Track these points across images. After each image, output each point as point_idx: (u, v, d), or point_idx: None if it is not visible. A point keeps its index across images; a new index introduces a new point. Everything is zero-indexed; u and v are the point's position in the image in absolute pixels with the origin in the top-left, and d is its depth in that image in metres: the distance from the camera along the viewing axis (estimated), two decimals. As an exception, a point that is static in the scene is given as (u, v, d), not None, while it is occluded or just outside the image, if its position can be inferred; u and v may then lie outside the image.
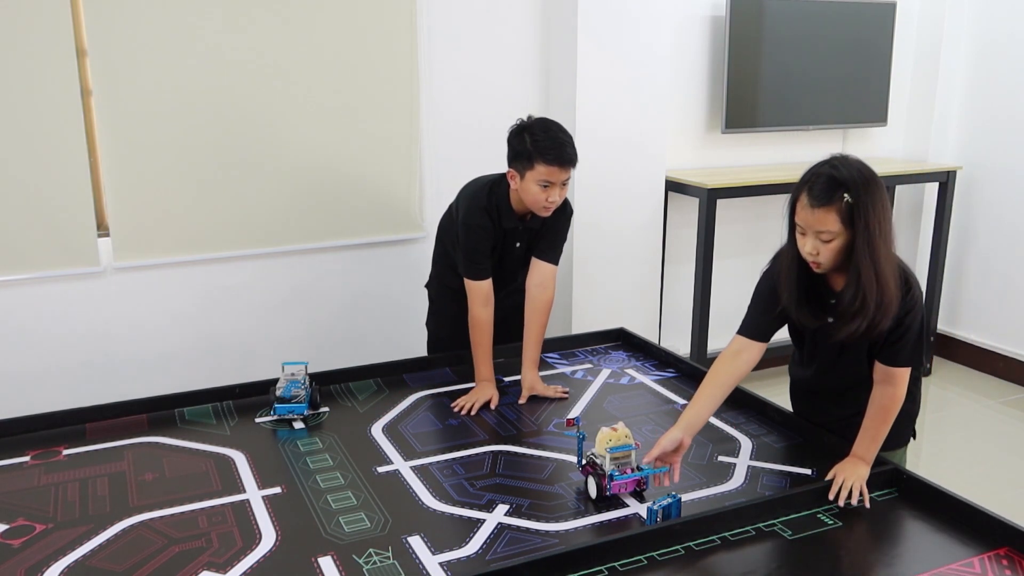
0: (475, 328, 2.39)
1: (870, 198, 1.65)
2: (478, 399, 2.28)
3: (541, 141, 2.25)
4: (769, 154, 4.21)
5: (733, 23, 3.76)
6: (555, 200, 2.30)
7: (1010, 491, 3.20)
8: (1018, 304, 4.18)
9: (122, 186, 2.96)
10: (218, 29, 2.97)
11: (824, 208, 1.66)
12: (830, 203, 1.65)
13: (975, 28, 4.23)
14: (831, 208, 1.65)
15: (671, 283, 4.04)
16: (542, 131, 2.28)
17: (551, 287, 2.46)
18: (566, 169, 2.27)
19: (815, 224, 1.68)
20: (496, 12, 3.42)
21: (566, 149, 2.26)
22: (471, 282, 2.40)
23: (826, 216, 1.66)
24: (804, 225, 1.71)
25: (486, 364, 2.37)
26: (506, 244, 2.46)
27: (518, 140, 2.30)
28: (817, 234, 1.69)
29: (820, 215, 1.66)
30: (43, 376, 2.99)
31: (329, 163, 3.24)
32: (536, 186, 2.27)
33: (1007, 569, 1.51)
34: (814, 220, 1.68)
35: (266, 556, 1.58)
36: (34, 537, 1.65)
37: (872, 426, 1.80)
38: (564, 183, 2.30)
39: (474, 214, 2.38)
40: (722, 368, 1.89)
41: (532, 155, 2.25)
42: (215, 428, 2.16)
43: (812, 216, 1.68)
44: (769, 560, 1.58)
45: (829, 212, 1.66)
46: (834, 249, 1.69)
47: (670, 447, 1.77)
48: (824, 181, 1.67)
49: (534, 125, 2.30)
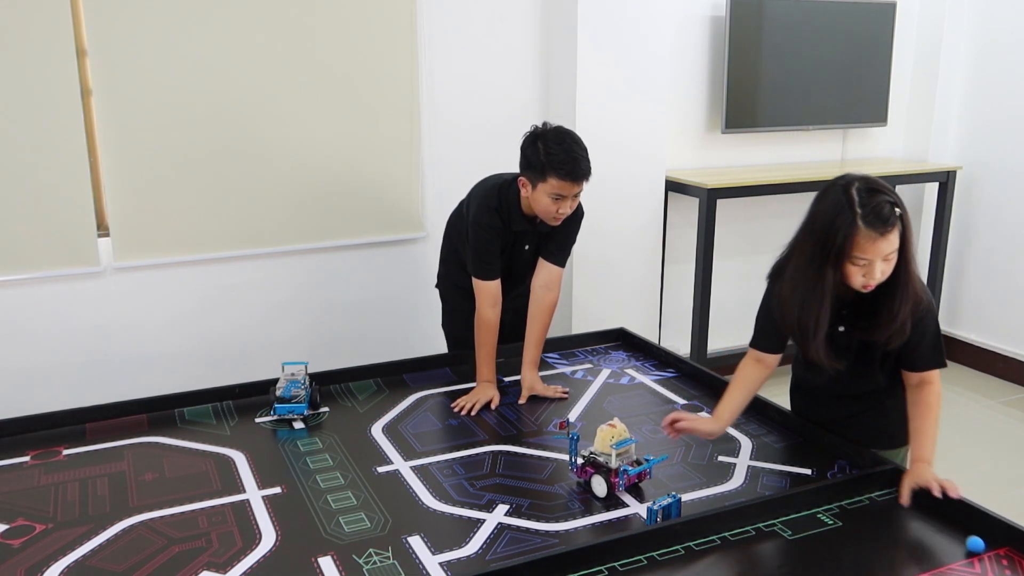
0: (481, 328, 2.38)
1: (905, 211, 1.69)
2: (479, 400, 2.28)
3: (555, 155, 2.19)
4: (769, 154, 4.21)
5: (733, 23, 3.76)
6: (565, 212, 2.28)
7: (1010, 491, 3.20)
8: (1018, 304, 4.18)
9: (122, 186, 2.96)
10: (218, 29, 2.97)
11: (893, 231, 1.65)
12: (895, 225, 1.65)
13: (975, 28, 4.23)
14: (895, 229, 1.66)
15: (671, 283, 4.04)
16: (556, 143, 2.21)
17: (556, 289, 2.45)
18: (579, 183, 2.24)
19: (886, 249, 1.66)
20: (496, 12, 3.42)
21: (580, 164, 2.21)
22: (480, 282, 2.39)
23: (894, 238, 1.67)
24: (872, 255, 1.66)
25: (488, 365, 2.37)
26: (515, 246, 2.45)
27: (532, 150, 2.24)
28: (885, 259, 1.68)
29: (891, 238, 1.66)
30: (43, 376, 2.99)
31: (329, 163, 3.24)
32: (547, 198, 2.24)
33: (1007, 569, 1.51)
34: (885, 245, 1.66)
35: (266, 556, 1.58)
36: (34, 537, 1.65)
37: (922, 427, 1.82)
38: (576, 195, 2.27)
39: (484, 214, 2.37)
40: (748, 373, 1.97)
41: (545, 168, 2.20)
42: (215, 428, 2.16)
43: (885, 241, 1.65)
44: (769, 560, 1.58)
45: (895, 233, 1.66)
46: (893, 264, 1.70)
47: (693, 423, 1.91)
48: (886, 206, 1.65)
49: (549, 135, 2.24)
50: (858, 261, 1.68)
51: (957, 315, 4.49)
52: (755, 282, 1.99)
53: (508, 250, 2.44)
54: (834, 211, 1.67)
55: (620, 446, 1.77)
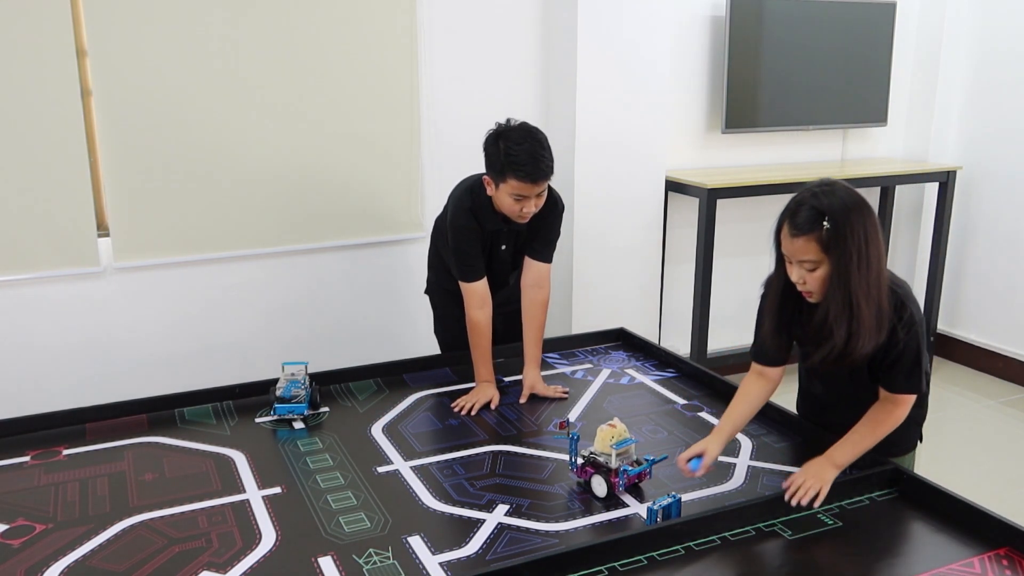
0: (473, 331, 2.38)
1: (850, 226, 1.62)
2: (478, 400, 2.28)
3: (516, 155, 2.16)
4: (769, 154, 4.21)
5: (733, 23, 3.76)
6: (530, 211, 2.26)
7: (1010, 491, 3.20)
8: (1018, 304, 4.18)
9: (122, 186, 2.96)
10: (218, 29, 2.97)
11: (804, 237, 1.65)
12: (811, 232, 1.64)
13: (975, 28, 4.23)
14: (811, 237, 1.64)
15: (671, 283, 4.04)
16: (517, 143, 2.18)
17: (546, 285, 2.45)
18: (540, 184, 2.21)
19: (797, 253, 1.67)
20: (496, 13, 3.42)
21: (540, 165, 2.17)
22: (465, 284, 2.38)
23: (807, 245, 1.65)
24: (788, 254, 1.70)
25: (485, 366, 2.37)
26: (492, 246, 2.44)
27: (493, 149, 2.22)
28: (800, 263, 1.68)
29: (801, 244, 1.66)
30: (43, 376, 2.99)
31: (329, 163, 3.24)
32: (509, 198, 2.23)
33: (1007, 569, 1.51)
34: (795, 249, 1.67)
35: (266, 556, 1.58)
36: (34, 537, 1.65)
37: (858, 434, 1.78)
38: (540, 194, 2.25)
39: (460, 215, 2.36)
40: (750, 388, 1.93)
41: (505, 168, 2.18)
42: (215, 428, 2.16)
43: (793, 245, 1.67)
44: (769, 560, 1.58)
45: (809, 241, 1.64)
46: (819, 278, 1.67)
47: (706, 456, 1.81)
48: (806, 210, 1.65)
49: (511, 134, 2.20)
50: (786, 258, 1.72)
51: (957, 315, 4.49)
52: (755, 282, 1.98)
53: (486, 251, 2.43)
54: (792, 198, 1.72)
55: (620, 446, 1.77)
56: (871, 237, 1.64)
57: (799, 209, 1.66)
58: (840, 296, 1.64)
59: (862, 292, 1.64)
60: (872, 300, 1.65)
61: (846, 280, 1.63)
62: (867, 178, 4.02)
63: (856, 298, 1.64)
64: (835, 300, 1.65)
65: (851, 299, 1.64)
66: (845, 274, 1.63)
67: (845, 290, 1.63)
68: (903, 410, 1.77)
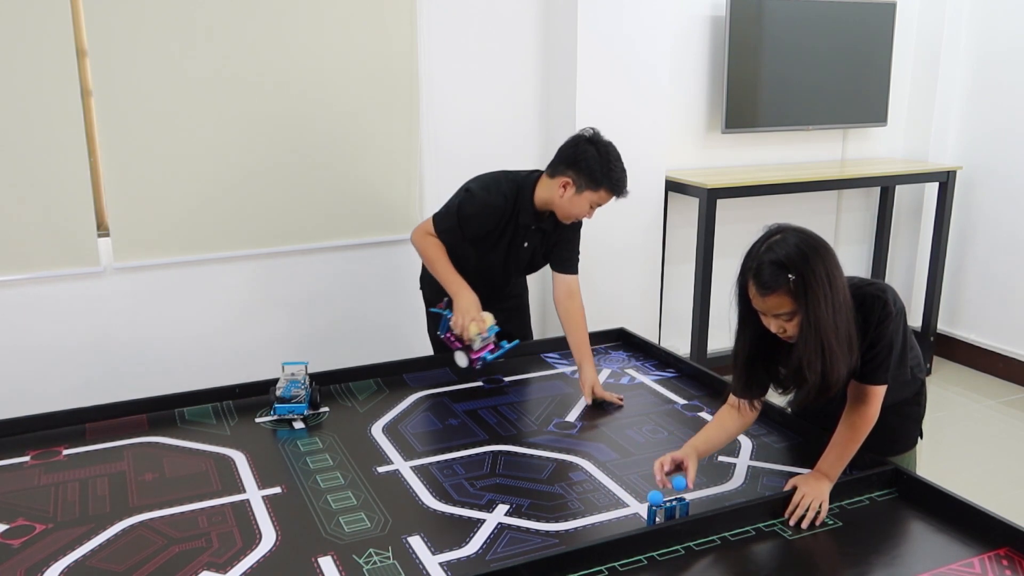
0: (431, 247, 2.44)
1: (812, 272, 1.61)
2: (466, 313, 2.29)
3: (615, 172, 2.30)
4: (769, 154, 4.21)
5: (733, 23, 3.76)
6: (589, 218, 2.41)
7: (1010, 491, 3.20)
8: (1018, 304, 4.18)
9: (122, 186, 2.96)
10: (218, 29, 2.97)
11: (775, 294, 1.63)
12: (779, 287, 1.62)
13: (975, 28, 4.23)
14: (780, 291, 1.63)
15: (671, 283, 4.04)
16: (616, 159, 2.31)
17: (578, 295, 2.50)
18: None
19: (772, 309, 1.66)
20: (496, 12, 3.42)
21: (626, 184, 2.35)
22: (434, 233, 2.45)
23: (779, 300, 1.64)
24: (762, 311, 1.69)
25: (453, 272, 2.40)
26: (514, 239, 2.47)
27: (592, 158, 2.30)
28: (776, 317, 1.67)
29: (773, 301, 1.64)
30: (43, 376, 2.99)
31: (329, 163, 3.24)
32: (587, 205, 2.35)
33: (1007, 569, 1.51)
34: (769, 306, 1.66)
35: (266, 556, 1.58)
36: (34, 537, 1.65)
37: (840, 443, 1.77)
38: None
39: (493, 193, 2.41)
40: (723, 418, 1.90)
41: (602, 181, 2.30)
42: (215, 428, 2.16)
43: (766, 303, 1.66)
44: (769, 560, 1.58)
45: (780, 296, 1.63)
46: (798, 324, 1.66)
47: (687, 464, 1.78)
48: (768, 268, 1.63)
49: (610, 150, 2.32)
50: (762, 314, 1.69)
51: (957, 315, 4.49)
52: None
53: (507, 242, 2.47)
54: (747, 254, 1.70)
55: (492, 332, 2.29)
56: (832, 272, 1.64)
57: (760, 268, 1.64)
58: (813, 340, 1.63)
59: (831, 331, 1.63)
60: (842, 333, 1.65)
61: (816, 324, 1.62)
62: (867, 178, 4.02)
63: (827, 339, 1.63)
64: (808, 345, 1.64)
65: (822, 342, 1.63)
66: (815, 319, 1.62)
67: (816, 335, 1.62)
68: (874, 407, 1.76)
